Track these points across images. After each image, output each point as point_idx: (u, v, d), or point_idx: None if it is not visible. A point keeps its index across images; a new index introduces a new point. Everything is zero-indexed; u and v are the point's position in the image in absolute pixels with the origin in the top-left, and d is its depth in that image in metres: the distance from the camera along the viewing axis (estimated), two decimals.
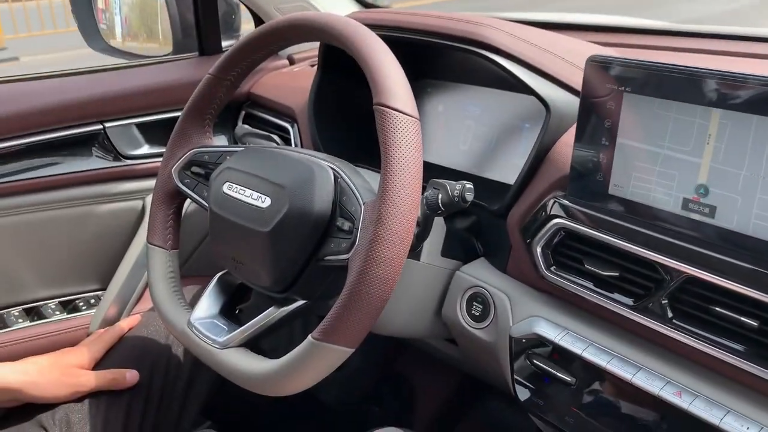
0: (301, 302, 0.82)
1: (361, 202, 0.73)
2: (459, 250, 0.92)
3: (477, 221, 0.94)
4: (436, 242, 0.89)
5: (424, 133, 1.11)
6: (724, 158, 0.63)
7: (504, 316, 0.84)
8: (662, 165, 0.68)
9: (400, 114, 0.69)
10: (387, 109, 0.69)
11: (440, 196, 0.76)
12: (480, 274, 0.89)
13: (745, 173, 0.62)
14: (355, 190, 0.75)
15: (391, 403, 1.50)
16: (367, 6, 1.49)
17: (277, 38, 0.85)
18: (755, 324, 0.62)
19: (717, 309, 0.65)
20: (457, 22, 0.90)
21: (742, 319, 0.63)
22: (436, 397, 1.46)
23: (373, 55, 0.72)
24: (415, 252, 0.87)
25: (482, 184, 0.97)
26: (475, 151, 1.04)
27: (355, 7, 1.46)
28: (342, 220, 0.75)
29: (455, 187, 0.75)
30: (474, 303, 0.88)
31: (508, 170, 0.98)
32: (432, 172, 1.07)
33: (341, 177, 0.78)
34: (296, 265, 0.77)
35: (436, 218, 0.82)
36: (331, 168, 0.80)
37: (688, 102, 0.65)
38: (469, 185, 0.75)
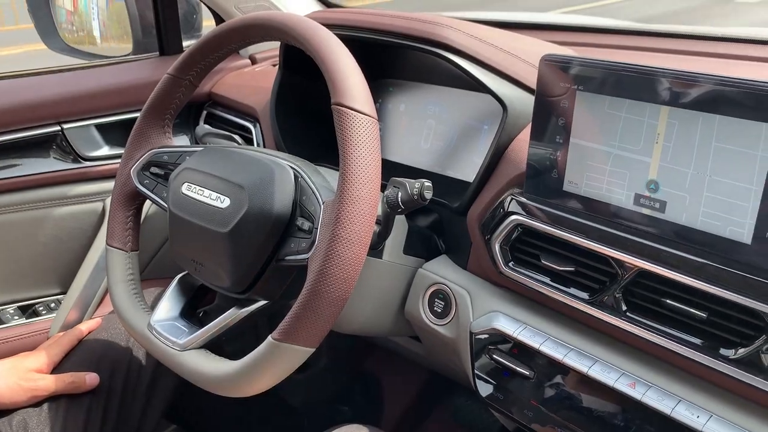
0: (262, 302, 0.81)
1: (321, 202, 0.73)
2: (421, 247, 0.93)
3: (438, 219, 0.95)
4: (398, 240, 0.89)
5: (387, 132, 1.11)
6: (673, 157, 0.65)
7: (465, 311, 0.85)
8: (614, 163, 0.69)
9: (358, 114, 0.69)
10: (345, 109, 0.69)
11: (400, 194, 0.77)
12: (441, 270, 0.90)
13: (692, 171, 0.63)
14: (315, 190, 0.76)
15: (360, 403, 1.51)
16: (329, 6, 1.49)
17: (236, 38, 0.85)
18: (704, 315, 0.64)
19: (668, 301, 0.67)
20: (416, 22, 0.91)
21: (692, 310, 0.65)
22: (405, 396, 1.46)
23: (330, 55, 0.72)
24: (377, 250, 0.87)
25: (443, 183, 0.98)
26: (436, 150, 1.05)
27: (317, 7, 1.46)
28: (302, 220, 0.75)
29: (414, 185, 0.75)
30: (436, 300, 0.89)
31: (468, 168, 0.99)
32: (394, 170, 1.09)
33: (301, 176, 0.79)
34: (256, 266, 0.77)
35: (397, 216, 0.82)
36: (292, 167, 0.80)
37: (638, 100, 0.66)
38: (427, 183, 0.75)
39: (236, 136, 1.05)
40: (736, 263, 0.62)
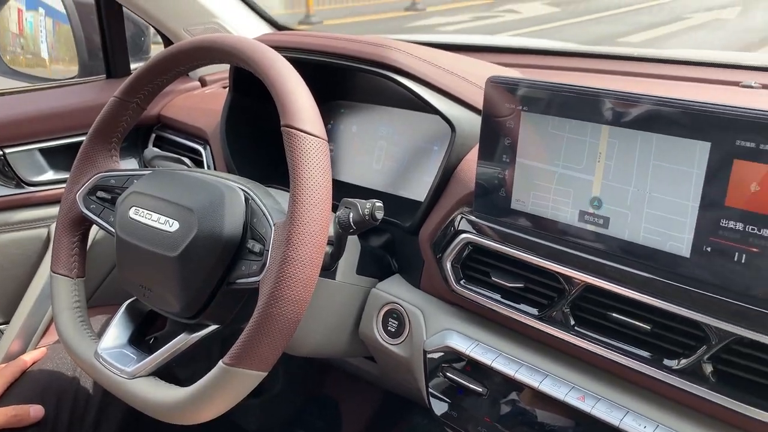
0: (213, 327, 0.80)
1: (272, 224, 0.73)
2: (374, 267, 0.93)
3: (391, 239, 0.96)
4: (351, 260, 0.90)
5: (340, 153, 1.12)
6: (614, 175, 0.67)
7: (418, 330, 0.85)
8: (559, 181, 0.71)
9: (307, 135, 0.69)
10: (294, 131, 0.69)
11: (351, 215, 0.77)
12: (395, 290, 0.90)
13: (633, 188, 0.66)
14: (266, 212, 0.75)
15: (317, 425, 1.49)
16: (280, 28, 1.50)
17: (184, 60, 0.85)
18: (648, 327, 0.66)
19: (614, 315, 0.69)
20: (365, 44, 0.92)
21: (636, 323, 0.67)
22: (362, 416, 1.45)
23: (279, 77, 0.73)
24: (329, 271, 0.87)
25: (395, 202, 0.98)
26: (388, 170, 1.05)
27: (267, 29, 1.47)
28: (253, 242, 0.74)
29: (365, 205, 0.76)
30: (390, 319, 0.89)
31: (419, 188, 1.00)
32: (347, 191, 1.09)
33: (252, 198, 0.78)
34: (207, 290, 0.76)
35: (350, 237, 0.82)
36: (242, 190, 0.79)
37: (580, 120, 0.68)
38: (378, 204, 0.76)
39: (186, 159, 1.04)
40: (677, 276, 0.64)
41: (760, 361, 0.60)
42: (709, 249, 0.61)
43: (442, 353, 0.82)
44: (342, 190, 1.12)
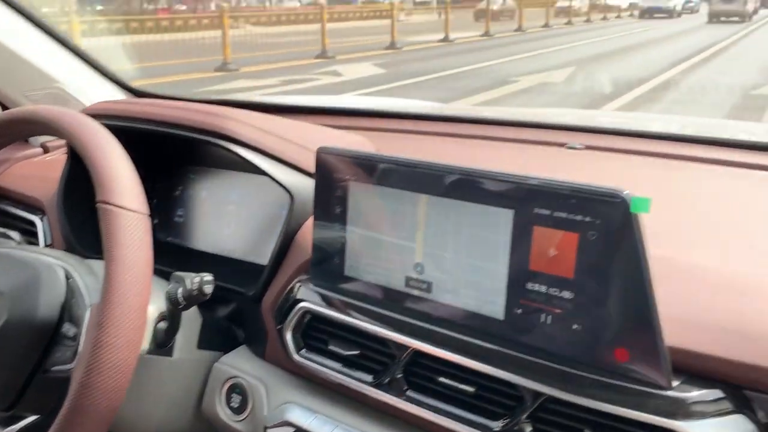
0: (32, 417, 0.74)
1: (88, 305, 0.69)
2: (218, 340, 0.90)
3: (236, 308, 0.93)
4: (190, 335, 0.86)
5: (190, 219, 1.09)
6: (433, 242, 0.69)
7: (260, 405, 0.83)
8: (386, 249, 0.72)
9: (123, 210, 0.67)
10: (109, 206, 0.67)
11: (180, 290, 0.74)
12: (239, 363, 0.88)
13: (451, 255, 0.68)
14: (85, 291, 0.71)
15: None
16: (137, 94, 1.46)
17: (1, 132, 0.80)
18: (472, 390, 0.68)
19: (442, 379, 0.70)
20: (199, 114, 0.91)
21: (461, 386, 0.68)
22: None
23: (95, 150, 0.70)
24: (165, 348, 0.83)
25: (245, 269, 0.97)
26: (238, 236, 1.04)
27: (120, 94, 1.43)
28: (68, 326, 0.70)
29: (194, 279, 0.74)
30: (233, 394, 0.86)
31: (267, 254, 0.98)
32: (199, 258, 1.06)
33: (73, 277, 0.74)
34: (20, 379, 0.70)
35: (191, 309, 0.80)
36: (63, 267, 0.75)
37: (402, 189, 0.70)
38: (207, 277, 0.74)
39: (13, 233, 0.98)
40: (494, 338, 0.66)
41: (574, 419, 0.63)
42: (519, 311, 0.64)
43: (282, 428, 0.79)
44: (193, 258, 1.09)
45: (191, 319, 0.86)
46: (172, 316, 0.77)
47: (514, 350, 0.65)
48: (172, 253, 1.08)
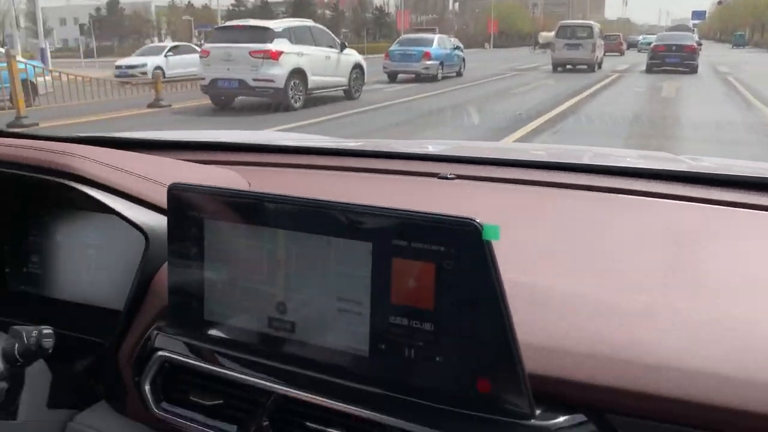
0: None
1: None
2: (72, 397, 0.82)
3: (95, 360, 0.86)
4: (37, 394, 0.78)
5: (46, 267, 1.00)
6: (294, 279, 0.66)
7: None
8: (246, 289, 0.68)
9: None
10: None
11: (17, 346, 0.67)
12: (94, 421, 0.80)
13: (314, 292, 0.65)
14: None
15: None
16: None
17: None
18: None
19: (310, 424, 0.66)
20: (46, 153, 0.84)
21: (330, 430, 0.65)
22: None
23: None
24: (8, 411, 0.75)
25: (103, 317, 0.89)
26: (97, 281, 0.96)
27: None
28: None
29: (31, 334, 0.67)
30: None
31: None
32: (55, 308, 0.97)
33: None
34: None
35: (36, 366, 0.72)
36: None
37: (258, 225, 0.67)
38: (47, 330, 0.67)
39: None
40: (361, 377, 0.63)
41: None
42: (383, 347, 0.62)
43: None
44: (49, 308, 1.00)
45: (38, 376, 0.78)
46: (11, 375, 0.69)
47: (382, 388, 0.62)
48: (26, 304, 0.99)
